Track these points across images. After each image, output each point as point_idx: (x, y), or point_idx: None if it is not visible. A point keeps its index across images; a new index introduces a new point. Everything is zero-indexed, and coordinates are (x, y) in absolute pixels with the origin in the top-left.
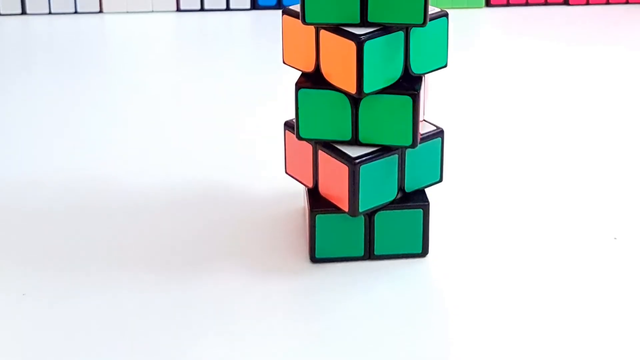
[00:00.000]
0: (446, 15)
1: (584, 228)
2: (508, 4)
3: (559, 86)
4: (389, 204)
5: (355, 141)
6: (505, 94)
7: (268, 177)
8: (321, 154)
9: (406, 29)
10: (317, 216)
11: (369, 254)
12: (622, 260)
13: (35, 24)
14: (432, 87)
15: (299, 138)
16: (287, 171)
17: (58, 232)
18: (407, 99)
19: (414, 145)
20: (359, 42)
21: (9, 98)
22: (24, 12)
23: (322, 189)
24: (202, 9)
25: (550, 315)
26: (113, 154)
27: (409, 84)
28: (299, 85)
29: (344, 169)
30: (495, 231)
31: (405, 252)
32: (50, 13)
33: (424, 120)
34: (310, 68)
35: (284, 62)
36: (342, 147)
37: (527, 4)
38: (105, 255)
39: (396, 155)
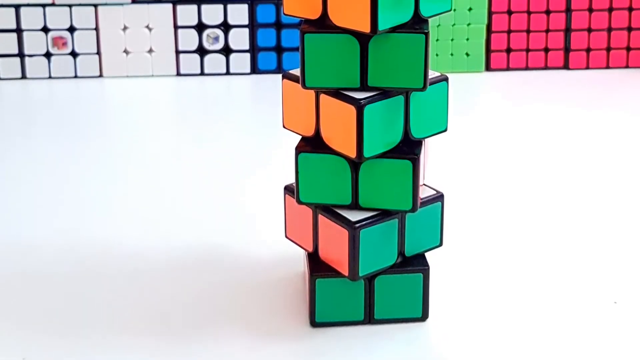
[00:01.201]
0: (446, 79)
1: (584, 292)
2: (508, 68)
3: (559, 150)
4: (388, 268)
5: (355, 205)
6: (505, 158)
7: (268, 241)
8: (321, 218)
9: (406, 93)
10: (317, 280)
11: (369, 318)
12: (622, 324)
13: (35, 88)
14: (432, 151)
15: (299, 202)
16: (287, 235)
17: (58, 295)
18: (407, 163)
19: (414, 209)
20: (359, 106)
21: (10, 161)
22: (24, 77)
23: (322, 253)
24: (202, 73)
25: None
26: (113, 216)
27: (408, 148)
28: (299, 150)
29: (344, 233)
30: (495, 296)
31: (406, 316)
32: (50, 77)
33: (424, 184)
34: (310, 132)
35: (284, 126)
36: (342, 211)
37: (527, 68)
38: (105, 319)
39: (396, 220)
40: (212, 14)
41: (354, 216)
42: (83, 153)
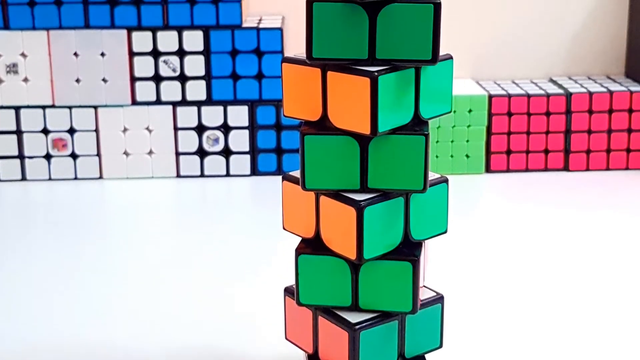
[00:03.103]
0: (446, 181)
1: None
2: (508, 170)
3: (560, 252)
4: None
5: (355, 307)
6: (505, 260)
7: (268, 343)
8: (321, 320)
9: (406, 194)
10: None
11: None
12: None
13: (35, 189)
14: (432, 252)
15: (299, 304)
16: (287, 337)
17: None
18: (407, 265)
19: (414, 311)
20: (359, 207)
21: (9, 263)
22: (24, 178)
23: (323, 355)
24: (202, 175)
25: None
26: (113, 318)
27: (409, 250)
28: (299, 251)
29: (344, 335)
30: None
31: None
32: (50, 179)
33: (424, 286)
34: (310, 234)
35: (284, 228)
36: (342, 312)
37: (527, 170)
38: None
39: (396, 321)
40: (212, 115)
41: (354, 318)
42: (83, 255)
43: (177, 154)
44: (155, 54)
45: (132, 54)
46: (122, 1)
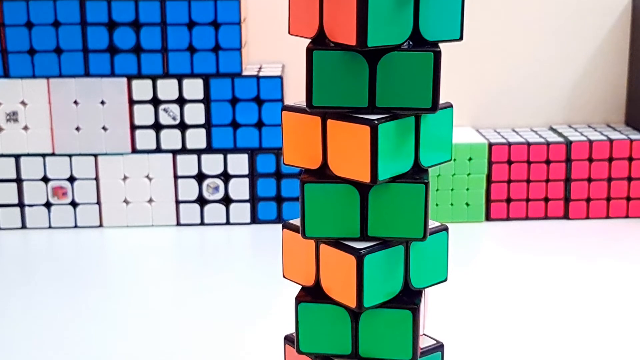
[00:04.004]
0: (446, 229)
1: None
2: (508, 218)
3: (560, 301)
4: None
5: (355, 355)
6: (505, 308)
7: None
8: None
9: (406, 243)
10: None
11: None
12: None
13: (35, 238)
14: (432, 300)
15: (299, 352)
16: None
17: None
18: (407, 313)
19: (414, 359)
20: (359, 256)
21: (9, 311)
22: (24, 226)
23: None
24: (202, 223)
25: None
26: None
27: (409, 298)
28: (299, 299)
29: None
30: None
31: None
32: (50, 227)
33: (424, 334)
34: (310, 282)
35: (284, 276)
36: None
37: (527, 218)
38: None
39: None
40: (212, 163)
41: None
42: (83, 303)
43: (177, 202)
44: (155, 102)
45: (132, 102)
46: (122, 49)
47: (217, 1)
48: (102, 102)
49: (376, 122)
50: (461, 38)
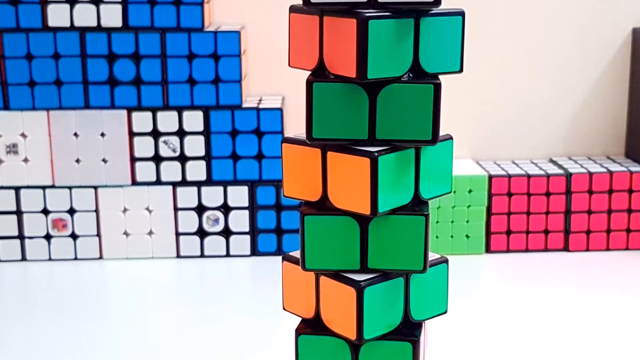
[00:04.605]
0: (446, 261)
1: None
2: (508, 250)
3: (560, 332)
4: None
5: None
6: (505, 341)
7: None
8: None
9: (406, 275)
10: None
11: None
12: None
13: (35, 270)
14: (432, 333)
15: None
16: None
17: None
18: (407, 346)
19: None
20: (359, 288)
21: (9, 344)
22: (24, 259)
23: None
24: (202, 255)
25: None
26: None
27: (409, 330)
28: (299, 332)
29: None
30: None
31: None
32: (50, 259)
33: None
34: (310, 314)
35: (284, 308)
36: None
37: (527, 250)
38: None
39: None
40: (212, 196)
41: None
42: (83, 335)
43: (177, 234)
44: (155, 134)
45: (132, 134)
46: (122, 81)
47: (217, 33)
48: (102, 134)
49: (376, 154)
50: (461, 70)
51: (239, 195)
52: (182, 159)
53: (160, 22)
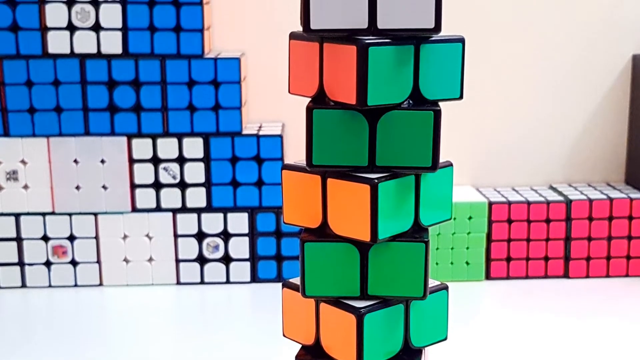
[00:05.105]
0: (446, 288)
1: None
2: (508, 277)
3: (560, 359)
4: None
5: None
6: None
7: None
8: None
9: (406, 301)
10: None
11: None
12: None
13: (35, 296)
14: (433, 356)
15: None
16: None
17: None
18: None
19: None
20: (359, 315)
21: None
22: (24, 285)
23: None
24: (202, 282)
25: None
26: None
27: (409, 357)
28: (299, 358)
29: None
30: None
31: None
32: (50, 286)
33: None
34: (310, 341)
35: (284, 335)
36: None
37: (527, 277)
38: None
39: None
40: (212, 222)
41: None
42: None
43: (177, 261)
44: (156, 161)
45: (132, 161)
46: (122, 108)
47: (217, 60)
48: (102, 161)
49: (376, 181)
50: (461, 97)
51: (239, 222)
52: (182, 185)
53: (160, 49)
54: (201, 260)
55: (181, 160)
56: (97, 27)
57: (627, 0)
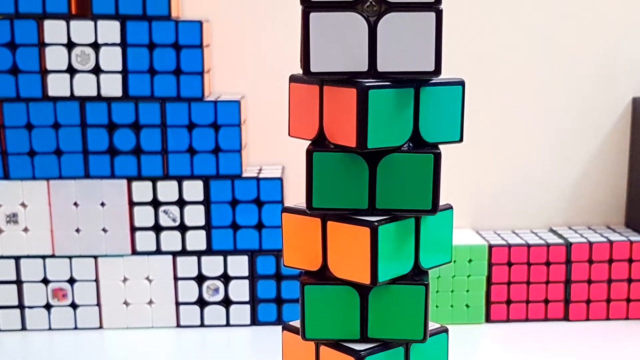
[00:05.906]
0: (446, 331)
1: None
2: (508, 320)
3: None
4: None
5: None
6: None
7: None
8: None
9: (406, 344)
10: None
11: None
12: None
13: (35, 339)
14: None
15: None
16: None
17: None
18: None
19: None
20: (359, 358)
21: None
22: (24, 328)
23: None
24: (202, 325)
25: None
26: None
27: None
28: None
29: None
30: None
31: None
32: (50, 329)
33: None
34: None
35: None
36: None
37: (527, 320)
38: None
39: None
40: (212, 265)
41: None
42: None
43: (177, 303)
44: (155, 203)
45: (132, 204)
46: (122, 151)
47: (217, 103)
48: (102, 204)
49: (376, 223)
50: (461, 140)
51: (239, 265)
52: (182, 228)
53: (160, 92)
54: (201, 303)
55: (181, 203)
56: (97, 70)
57: (627, 43)
